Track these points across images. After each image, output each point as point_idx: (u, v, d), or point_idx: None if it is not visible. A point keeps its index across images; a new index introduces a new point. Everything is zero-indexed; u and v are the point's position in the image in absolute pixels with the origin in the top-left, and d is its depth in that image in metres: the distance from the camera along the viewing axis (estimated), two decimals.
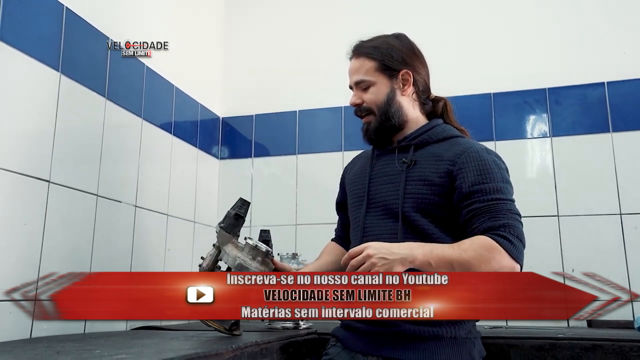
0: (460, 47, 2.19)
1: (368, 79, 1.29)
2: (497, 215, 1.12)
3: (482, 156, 1.19)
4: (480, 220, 1.12)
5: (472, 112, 2.11)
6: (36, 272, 1.31)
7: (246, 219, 1.25)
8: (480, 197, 1.14)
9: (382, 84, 1.28)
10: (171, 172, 1.99)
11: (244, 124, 2.41)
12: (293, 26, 2.47)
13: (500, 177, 1.17)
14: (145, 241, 1.79)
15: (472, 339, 1.18)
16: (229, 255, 1.18)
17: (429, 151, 1.25)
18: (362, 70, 1.30)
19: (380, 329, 1.15)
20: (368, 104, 1.29)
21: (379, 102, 1.28)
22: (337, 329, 1.28)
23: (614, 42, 2.04)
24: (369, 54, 1.29)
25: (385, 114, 1.28)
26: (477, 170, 1.16)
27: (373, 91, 1.29)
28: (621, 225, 1.89)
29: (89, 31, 1.58)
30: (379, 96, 1.28)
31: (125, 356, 0.89)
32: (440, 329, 1.13)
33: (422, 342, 1.12)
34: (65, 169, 1.44)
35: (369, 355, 1.17)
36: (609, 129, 1.97)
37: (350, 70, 1.33)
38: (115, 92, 1.66)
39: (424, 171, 1.21)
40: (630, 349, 1.23)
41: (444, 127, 1.30)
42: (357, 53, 1.32)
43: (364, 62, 1.30)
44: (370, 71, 1.29)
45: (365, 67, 1.29)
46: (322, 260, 1.41)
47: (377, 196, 1.27)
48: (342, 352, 1.22)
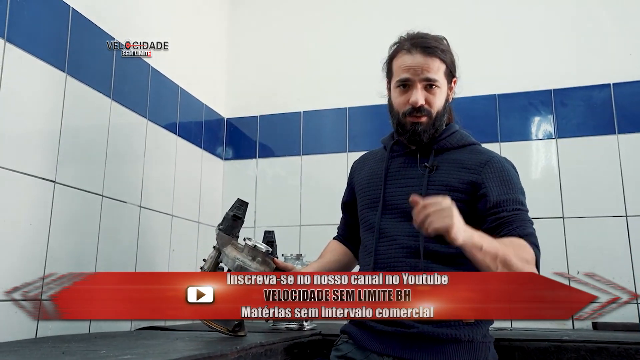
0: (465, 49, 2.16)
1: (440, 80, 1.24)
2: (523, 225, 1.15)
3: (505, 167, 1.23)
4: (509, 228, 1.14)
5: (477, 113, 2.11)
6: (42, 271, 1.32)
7: (251, 220, 1.25)
8: (506, 207, 1.16)
9: (444, 88, 1.26)
10: (176, 173, 2.00)
11: (249, 125, 2.41)
12: (298, 27, 2.47)
13: (519, 188, 1.22)
14: (150, 241, 1.80)
15: (487, 343, 1.18)
16: (229, 256, 1.18)
17: (450, 157, 1.25)
18: (435, 71, 1.24)
19: (397, 329, 1.14)
20: (431, 106, 1.24)
21: (440, 106, 1.25)
22: (349, 326, 1.25)
23: (620, 43, 2.03)
24: (441, 56, 1.24)
25: (440, 119, 1.26)
26: (502, 181, 1.20)
27: (438, 94, 1.25)
28: (627, 227, 1.88)
29: (94, 32, 1.59)
30: (441, 100, 1.26)
31: (130, 357, 0.89)
32: (458, 331, 1.12)
33: (440, 345, 1.12)
34: (71, 169, 1.44)
35: (384, 356, 1.15)
36: (615, 131, 1.96)
37: (419, 66, 1.23)
38: (120, 93, 1.67)
39: (447, 177, 1.22)
40: (636, 351, 1.22)
41: (462, 133, 1.31)
42: (428, 51, 1.24)
43: (436, 62, 1.24)
44: (441, 74, 1.25)
45: (439, 68, 1.24)
46: (324, 259, 1.40)
47: (394, 199, 1.25)
48: (355, 350, 1.21)
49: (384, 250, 1.22)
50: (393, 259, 1.20)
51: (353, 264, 1.44)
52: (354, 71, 2.24)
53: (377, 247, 1.23)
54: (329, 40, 2.39)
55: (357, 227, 1.37)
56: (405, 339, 1.13)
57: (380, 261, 1.22)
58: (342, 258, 1.42)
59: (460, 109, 1.40)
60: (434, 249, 1.17)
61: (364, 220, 1.32)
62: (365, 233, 1.31)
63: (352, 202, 1.41)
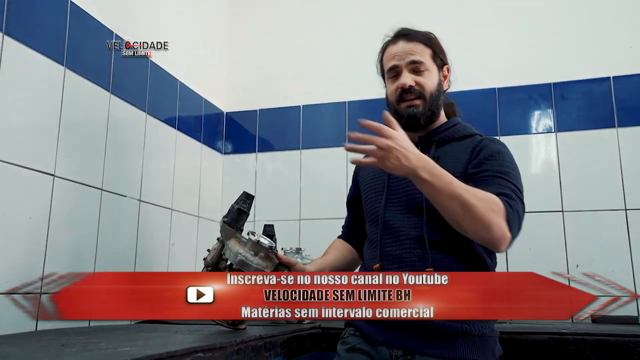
0: (465, 42, 2.18)
1: (426, 62, 1.26)
2: (504, 188, 1.12)
3: (499, 148, 1.22)
4: (488, 187, 1.11)
5: (477, 107, 2.11)
6: (41, 264, 1.32)
7: (250, 213, 1.25)
8: (490, 168, 1.16)
9: (434, 72, 1.27)
10: (175, 167, 2.00)
11: (248, 119, 2.41)
12: (297, 21, 2.47)
13: (509, 163, 1.19)
14: (150, 235, 1.80)
15: (494, 337, 1.18)
16: (231, 250, 1.18)
17: (451, 148, 1.25)
18: (418, 53, 1.26)
19: (407, 322, 1.11)
20: (422, 88, 1.25)
21: (432, 88, 1.26)
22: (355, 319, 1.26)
23: (620, 37, 2.03)
24: (423, 41, 1.27)
25: (435, 103, 1.26)
26: (490, 154, 1.19)
27: (428, 76, 1.25)
28: (626, 221, 1.88)
29: (93, 26, 1.58)
30: (433, 82, 1.26)
31: (130, 349, 0.89)
32: (468, 325, 1.12)
33: (450, 338, 1.11)
34: (70, 163, 1.44)
35: (394, 348, 1.14)
36: (615, 124, 1.96)
37: (402, 51, 1.27)
38: (119, 87, 1.67)
39: (448, 167, 1.18)
40: (634, 344, 1.22)
41: (464, 125, 1.30)
42: (409, 37, 1.27)
43: (419, 46, 1.26)
44: (426, 56, 1.26)
45: (422, 51, 1.26)
46: (328, 257, 1.39)
47: (398, 190, 1.25)
48: (363, 342, 1.20)
49: (389, 243, 1.22)
50: (398, 250, 1.19)
51: (357, 263, 1.43)
52: (353, 65, 2.23)
53: (382, 239, 1.23)
54: (329, 34, 2.39)
55: (363, 224, 1.36)
56: (416, 332, 1.13)
57: (386, 253, 1.21)
58: (345, 256, 1.41)
59: (460, 103, 1.40)
60: (438, 239, 1.16)
61: (369, 213, 1.31)
62: (370, 227, 1.30)
63: (357, 199, 1.41)
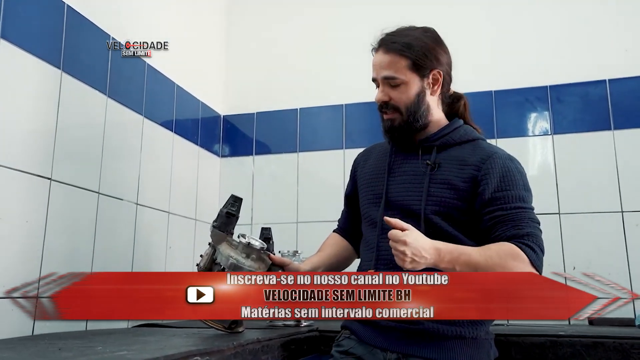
0: (461, 45, 2.17)
1: (399, 77, 1.23)
2: (520, 224, 1.12)
3: (506, 163, 1.19)
4: (503, 228, 1.13)
5: (474, 109, 2.05)
6: (38, 268, 1.32)
7: (248, 217, 1.24)
8: (502, 205, 1.14)
9: (413, 83, 1.23)
10: (172, 170, 1.99)
11: (245, 122, 2.41)
12: (294, 24, 2.47)
13: (522, 185, 1.18)
14: (147, 239, 1.80)
15: (489, 340, 1.18)
16: (223, 254, 1.18)
17: (453, 154, 1.24)
18: (392, 67, 1.23)
19: (401, 325, 1.14)
20: (396, 103, 1.24)
21: (408, 102, 1.23)
22: (351, 322, 1.24)
23: (616, 40, 2.03)
24: (401, 51, 1.23)
25: (414, 114, 1.24)
26: (500, 177, 1.17)
27: (403, 90, 1.23)
28: (622, 223, 1.88)
29: (90, 29, 1.58)
30: (409, 96, 1.23)
31: (127, 352, 0.89)
32: (462, 328, 1.13)
33: (444, 341, 1.12)
34: (67, 166, 1.44)
35: (388, 351, 1.15)
36: (611, 127, 1.97)
37: (378, 64, 1.26)
38: (116, 90, 1.67)
39: (449, 175, 1.20)
40: (631, 346, 1.23)
41: (465, 128, 1.29)
42: (387, 48, 1.24)
43: (395, 58, 1.23)
44: (402, 69, 1.23)
45: (397, 64, 1.23)
46: (324, 253, 1.39)
47: (396, 196, 1.25)
48: (358, 346, 1.20)
49: (386, 246, 1.21)
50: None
51: (353, 258, 1.44)
52: (351, 68, 2.23)
53: (379, 243, 1.23)
54: (326, 38, 2.39)
55: (359, 220, 1.37)
56: (410, 335, 1.14)
57: (382, 257, 1.22)
58: (341, 252, 1.42)
59: None
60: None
61: (366, 215, 1.31)
62: (367, 228, 1.31)
63: (354, 195, 1.41)
